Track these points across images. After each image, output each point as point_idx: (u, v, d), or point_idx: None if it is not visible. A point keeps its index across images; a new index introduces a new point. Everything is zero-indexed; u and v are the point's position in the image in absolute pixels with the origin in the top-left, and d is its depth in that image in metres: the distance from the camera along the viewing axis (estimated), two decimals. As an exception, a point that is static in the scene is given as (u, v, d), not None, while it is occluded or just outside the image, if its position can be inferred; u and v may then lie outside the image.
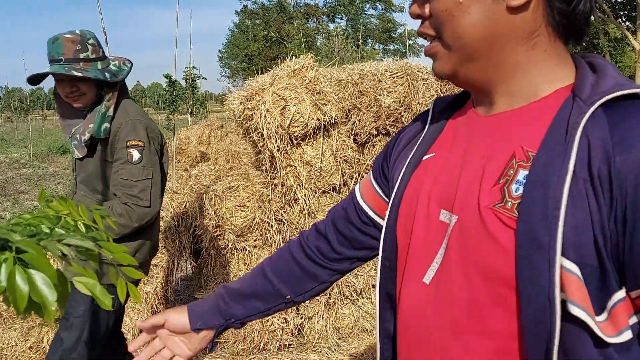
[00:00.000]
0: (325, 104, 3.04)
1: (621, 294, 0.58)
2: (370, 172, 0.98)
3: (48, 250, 1.01)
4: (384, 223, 0.83)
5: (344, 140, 3.21)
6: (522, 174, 0.63)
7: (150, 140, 2.04)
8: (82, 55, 1.95)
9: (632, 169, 0.56)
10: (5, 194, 8.69)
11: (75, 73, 1.90)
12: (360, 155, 3.43)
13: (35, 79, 2.02)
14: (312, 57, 3.13)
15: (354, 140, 3.38)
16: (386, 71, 3.33)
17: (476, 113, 0.77)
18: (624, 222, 0.56)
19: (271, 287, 1.00)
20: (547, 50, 0.68)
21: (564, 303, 0.58)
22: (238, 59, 39.72)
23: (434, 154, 0.80)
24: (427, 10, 0.71)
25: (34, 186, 9.60)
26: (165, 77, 7.57)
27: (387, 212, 0.82)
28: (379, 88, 3.28)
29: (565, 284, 0.57)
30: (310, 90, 3.02)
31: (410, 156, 0.82)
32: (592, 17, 0.71)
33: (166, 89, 7.83)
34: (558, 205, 0.57)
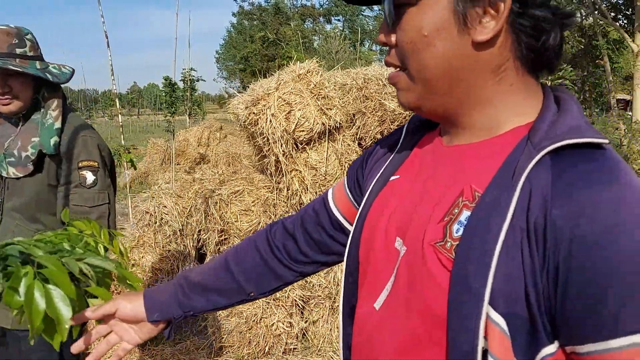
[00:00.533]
0: (330, 109, 3.05)
1: (551, 348, 0.56)
2: (345, 178, 0.96)
3: (69, 267, 1.02)
4: (340, 242, 0.83)
5: (348, 145, 3.22)
6: (465, 214, 0.62)
7: (105, 160, 1.78)
8: (18, 51, 1.63)
9: (566, 223, 0.53)
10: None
11: (12, 67, 1.58)
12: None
13: None
14: (316, 61, 3.14)
15: (359, 144, 3.39)
16: (391, 75, 3.33)
17: (440, 141, 0.75)
18: (556, 277, 0.54)
19: (235, 283, 0.97)
20: (514, 85, 0.66)
21: (485, 353, 0.56)
22: (235, 60, 39.72)
23: (399, 176, 0.79)
24: (393, 39, 0.69)
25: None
26: (165, 79, 7.57)
27: (353, 227, 0.81)
28: (383, 92, 3.29)
29: (489, 335, 0.56)
30: (315, 95, 3.03)
31: (379, 174, 0.81)
32: (563, 48, 0.68)
33: (165, 90, 7.83)
34: (491, 253, 0.56)
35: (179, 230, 3.34)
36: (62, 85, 1.79)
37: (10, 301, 0.86)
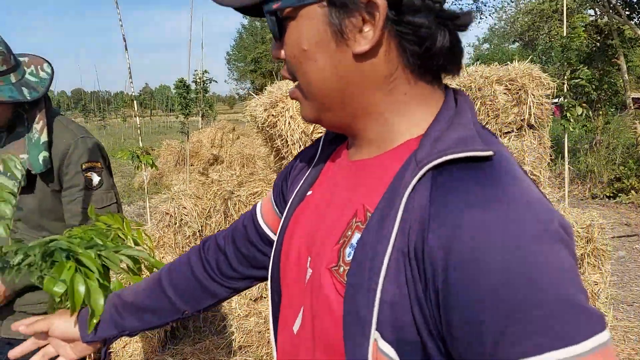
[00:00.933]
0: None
1: None
2: (271, 191, 0.93)
3: (110, 260, 1.06)
4: (270, 256, 0.80)
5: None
6: (356, 237, 0.60)
7: (106, 159, 1.74)
8: None
9: (441, 248, 0.49)
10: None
11: None
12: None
13: None
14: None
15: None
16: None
17: (346, 155, 0.73)
18: (438, 304, 0.50)
19: (169, 302, 0.95)
20: (408, 93, 0.62)
21: None
22: (246, 62, 39.84)
23: (312, 192, 0.76)
24: (282, 54, 0.66)
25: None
26: (180, 81, 7.64)
27: (275, 245, 0.78)
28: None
29: None
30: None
31: (297, 188, 0.79)
32: (461, 50, 0.63)
33: (178, 92, 7.90)
34: (377, 279, 0.53)
35: (199, 231, 3.38)
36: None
37: (50, 290, 0.93)
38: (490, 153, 0.54)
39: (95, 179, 1.67)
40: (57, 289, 0.90)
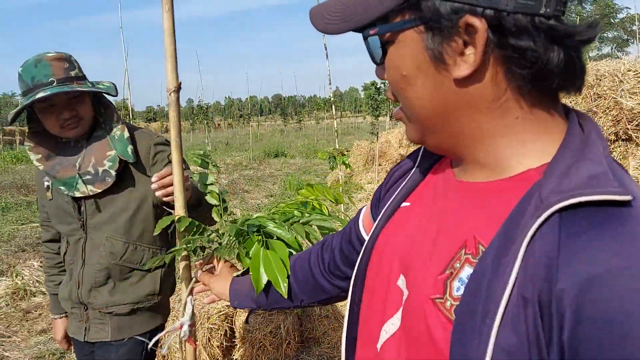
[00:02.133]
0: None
1: None
2: (372, 198, 0.92)
3: (296, 232, 1.19)
4: (355, 266, 0.78)
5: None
6: (466, 271, 0.56)
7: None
8: (72, 74, 1.64)
9: (572, 301, 0.44)
10: (234, 192, 9.98)
11: (80, 89, 1.60)
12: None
13: (15, 116, 1.66)
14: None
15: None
16: (629, 70, 2.97)
17: (452, 172, 0.69)
18: (562, 358, 0.45)
19: (291, 289, 1.05)
20: (520, 117, 0.57)
21: None
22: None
23: (410, 203, 0.73)
24: (385, 75, 0.64)
25: (255, 186, 10.87)
26: (371, 84, 7.91)
27: (360, 254, 0.77)
28: (619, 89, 2.95)
29: None
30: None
31: (392, 198, 0.76)
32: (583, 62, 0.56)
33: (367, 94, 8.18)
34: (492, 322, 0.48)
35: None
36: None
37: (243, 262, 1.13)
38: (628, 197, 0.47)
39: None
40: (262, 281, 1.05)
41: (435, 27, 0.55)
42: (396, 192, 0.77)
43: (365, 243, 0.77)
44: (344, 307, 2.43)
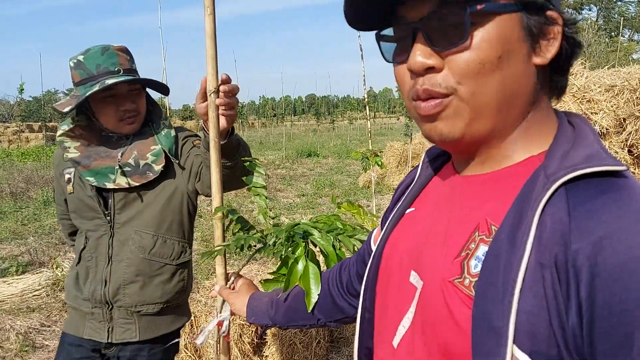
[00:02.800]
0: (596, 113, 2.79)
1: None
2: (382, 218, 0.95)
3: (344, 244, 1.20)
4: (365, 274, 0.81)
5: (616, 152, 2.89)
6: (482, 249, 0.59)
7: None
8: (134, 67, 1.64)
9: (587, 259, 0.49)
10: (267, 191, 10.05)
11: (147, 78, 1.61)
12: (636, 169, 3.04)
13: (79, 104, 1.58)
14: (581, 62, 2.90)
15: (629, 151, 3.01)
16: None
17: (455, 171, 0.72)
18: (581, 316, 0.50)
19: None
20: (539, 110, 0.64)
21: None
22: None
23: (414, 208, 0.77)
24: (441, 63, 0.60)
25: (287, 185, 10.94)
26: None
27: (369, 264, 0.80)
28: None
29: None
30: (578, 99, 2.80)
31: (397, 208, 0.80)
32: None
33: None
34: (512, 291, 0.53)
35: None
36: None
37: (307, 290, 1.12)
38: (623, 168, 0.55)
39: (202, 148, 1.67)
40: (313, 298, 1.06)
41: (533, 13, 0.59)
42: (400, 202, 0.81)
43: (373, 253, 0.81)
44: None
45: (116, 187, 1.63)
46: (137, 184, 1.64)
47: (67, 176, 1.71)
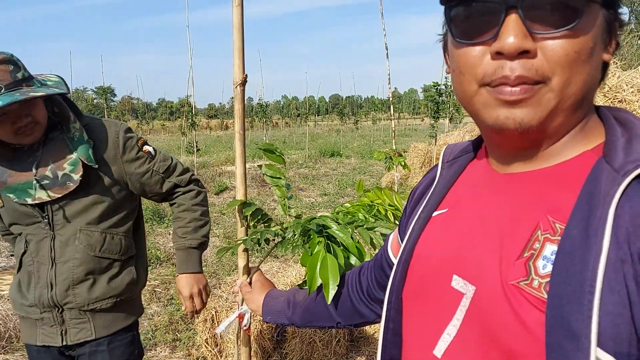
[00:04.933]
0: (628, 114, 2.71)
1: None
2: (399, 224, 0.92)
3: (362, 237, 1.19)
4: (389, 282, 0.77)
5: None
6: (549, 248, 0.56)
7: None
8: (19, 76, 1.45)
9: None
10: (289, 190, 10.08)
11: (35, 94, 1.43)
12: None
13: None
14: (613, 62, 2.82)
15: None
16: None
17: (493, 168, 0.70)
18: None
19: (327, 311, 1.08)
20: (592, 107, 0.64)
21: None
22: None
23: (445, 209, 0.73)
24: (536, 47, 0.56)
25: (310, 184, 10.95)
26: (433, 85, 7.78)
27: (393, 271, 0.77)
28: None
29: None
30: (609, 99, 2.73)
31: (420, 211, 0.77)
32: None
33: (426, 95, 8.05)
34: (592, 290, 0.50)
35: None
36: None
37: (304, 261, 1.14)
38: None
39: (151, 149, 1.75)
40: (331, 289, 1.06)
41: (611, 9, 0.60)
42: (423, 204, 0.77)
43: (398, 260, 0.77)
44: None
45: (37, 202, 1.56)
46: (59, 196, 1.56)
47: None
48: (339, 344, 3.33)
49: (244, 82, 1.23)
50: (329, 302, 1.04)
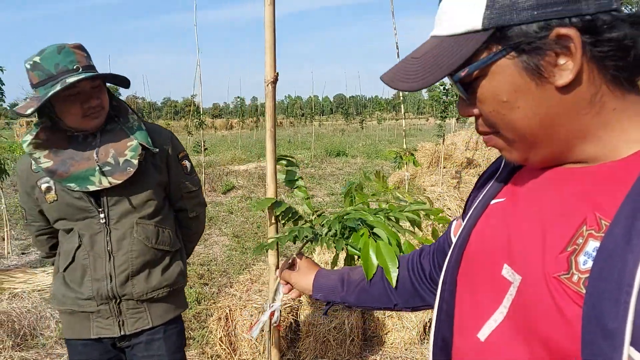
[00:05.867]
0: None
1: None
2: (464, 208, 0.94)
3: (397, 219, 1.20)
4: (444, 264, 0.80)
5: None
6: (591, 245, 0.57)
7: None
8: (91, 63, 1.61)
9: None
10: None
11: (107, 74, 1.58)
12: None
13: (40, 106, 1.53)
14: None
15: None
16: None
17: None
18: None
19: (385, 292, 1.06)
20: (617, 108, 0.61)
21: None
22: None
23: (504, 198, 0.75)
24: (475, 111, 0.68)
25: (316, 184, 10.95)
26: (440, 85, 7.74)
27: (449, 254, 0.80)
28: None
29: None
30: None
31: (479, 199, 0.79)
32: None
33: (432, 95, 8.03)
34: (630, 290, 0.50)
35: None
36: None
37: (353, 253, 1.12)
38: None
39: (189, 165, 1.89)
40: (393, 272, 1.05)
41: (528, 48, 0.60)
42: (483, 193, 0.80)
43: (453, 244, 0.80)
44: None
45: (100, 188, 1.61)
46: (119, 182, 1.62)
47: (44, 186, 1.67)
48: (352, 343, 3.33)
49: (275, 80, 1.24)
50: (393, 285, 1.05)
